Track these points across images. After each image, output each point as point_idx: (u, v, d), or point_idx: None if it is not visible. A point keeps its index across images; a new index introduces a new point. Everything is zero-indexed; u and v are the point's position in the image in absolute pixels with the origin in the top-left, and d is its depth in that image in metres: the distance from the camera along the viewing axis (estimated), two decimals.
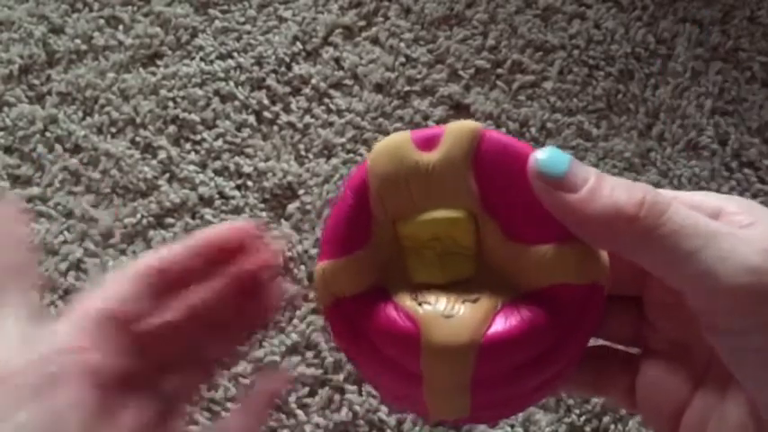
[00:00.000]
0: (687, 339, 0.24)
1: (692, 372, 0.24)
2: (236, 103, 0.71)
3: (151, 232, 0.67)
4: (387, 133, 0.70)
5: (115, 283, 0.27)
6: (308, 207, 0.67)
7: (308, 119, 0.70)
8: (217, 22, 0.74)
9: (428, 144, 0.25)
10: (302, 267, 0.65)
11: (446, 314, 0.24)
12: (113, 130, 0.70)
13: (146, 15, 0.74)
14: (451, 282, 0.25)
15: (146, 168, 0.69)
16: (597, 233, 0.22)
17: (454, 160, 0.24)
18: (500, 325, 0.24)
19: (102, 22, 0.74)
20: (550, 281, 0.24)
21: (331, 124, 0.70)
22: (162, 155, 0.69)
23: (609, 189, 0.22)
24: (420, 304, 0.25)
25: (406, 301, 0.25)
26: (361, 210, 0.25)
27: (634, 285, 0.26)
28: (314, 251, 0.66)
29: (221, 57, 0.73)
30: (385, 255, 0.26)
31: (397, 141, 0.25)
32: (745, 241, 0.21)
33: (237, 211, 0.67)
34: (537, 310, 0.24)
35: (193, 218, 0.67)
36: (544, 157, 0.23)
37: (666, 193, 0.24)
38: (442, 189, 0.25)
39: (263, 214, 0.67)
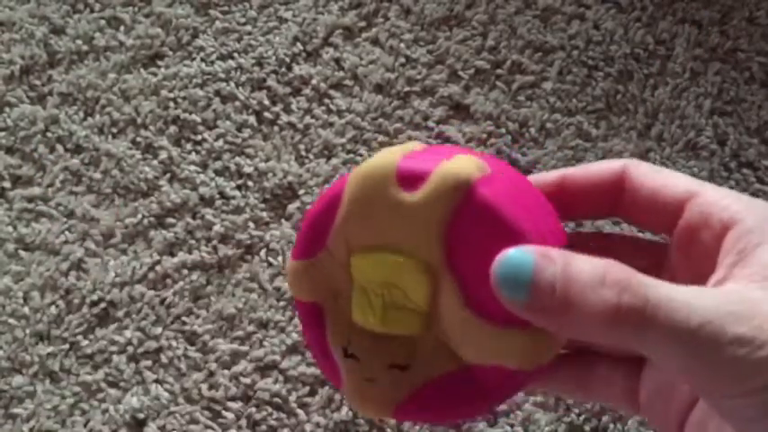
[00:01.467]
0: None
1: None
2: (237, 103, 0.71)
3: (152, 232, 0.67)
4: (387, 134, 0.70)
5: None
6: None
7: (308, 119, 0.71)
8: (217, 23, 0.74)
9: (411, 183, 0.22)
10: None
11: (368, 377, 0.23)
12: (114, 130, 0.71)
13: (147, 16, 0.75)
14: (390, 334, 0.23)
15: (147, 168, 0.69)
16: (576, 336, 0.21)
17: (431, 210, 0.22)
18: (417, 402, 0.23)
19: (103, 22, 0.74)
20: (494, 360, 0.22)
21: (331, 125, 0.70)
22: (163, 155, 0.69)
23: (580, 297, 0.20)
24: (347, 356, 0.24)
25: (337, 342, 0.24)
26: (326, 220, 0.24)
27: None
28: None
29: (222, 57, 0.73)
30: (332, 275, 0.24)
31: (381, 171, 0.23)
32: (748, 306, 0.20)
33: (238, 211, 0.68)
34: (463, 389, 0.23)
35: (194, 218, 0.67)
36: (502, 273, 0.21)
37: (692, 183, 0.24)
38: (410, 235, 0.23)
39: (264, 214, 0.67)
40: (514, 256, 0.20)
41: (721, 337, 0.19)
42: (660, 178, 0.25)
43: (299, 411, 0.62)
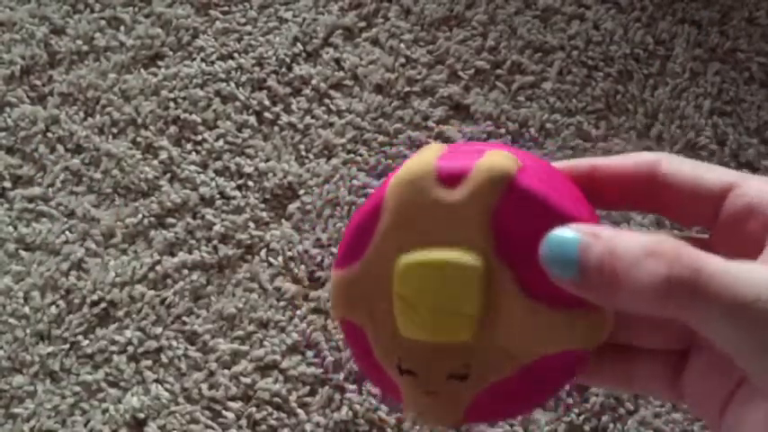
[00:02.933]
0: None
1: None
2: (237, 103, 0.71)
3: (152, 232, 0.67)
4: (387, 134, 0.70)
5: None
6: (309, 207, 0.67)
7: (308, 119, 0.71)
8: (218, 23, 0.74)
9: (452, 181, 0.23)
10: (302, 267, 0.66)
11: (428, 390, 0.23)
12: (115, 130, 0.71)
13: (147, 16, 0.75)
14: (443, 341, 0.23)
15: (147, 168, 0.69)
16: (628, 310, 0.21)
17: (475, 204, 0.22)
18: (481, 408, 0.23)
19: (103, 23, 0.74)
20: (555, 345, 0.23)
21: (331, 125, 0.70)
22: (163, 155, 0.69)
23: (628, 271, 0.20)
24: (402, 373, 0.23)
25: (388, 359, 0.24)
26: (368, 228, 0.24)
27: None
28: (314, 251, 0.66)
29: (222, 57, 0.73)
30: (369, 290, 0.24)
31: (422, 173, 0.23)
32: None
33: (238, 210, 0.68)
34: (523, 386, 0.23)
35: (194, 218, 0.67)
36: (550, 253, 0.21)
37: (729, 174, 0.24)
38: (457, 230, 0.23)
39: (264, 214, 0.68)
40: (560, 234, 0.21)
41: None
42: (696, 170, 0.25)
43: (300, 411, 0.62)
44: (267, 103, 0.71)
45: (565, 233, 0.21)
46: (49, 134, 0.70)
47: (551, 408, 0.61)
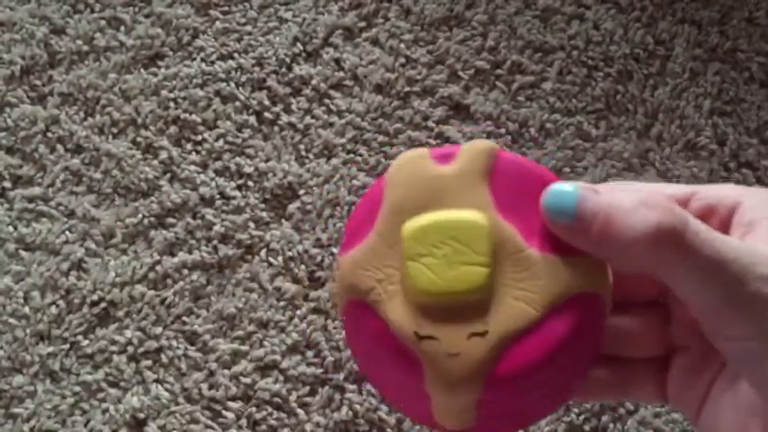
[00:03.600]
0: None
1: (718, 360, 0.25)
2: (237, 103, 0.71)
3: (152, 232, 0.67)
4: (387, 134, 0.70)
5: None
6: (309, 207, 0.67)
7: (308, 119, 0.71)
8: (218, 23, 0.74)
9: (445, 158, 0.25)
10: (302, 267, 0.66)
11: (451, 353, 0.23)
12: (115, 130, 0.71)
13: (147, 16, 0.75)
14: (456, 299, 0.23)
15: (147, 168, 0.69)
16: (619, 259, 0.23)
17: (470, 172, 0.25)
18: (508, 360, 0.23)
19: (103, 23, 0.74)
20: (565, 291, 0.24)
21: (331, 125, 0.70)
22: (163, 155, 0.69)
23: (622, 219, 0.22)
24: (421, 339, 0.23)
25: (406, 329, 0.24)
26: (369, 213, 0.25)
27: (656, 291, 0.27)
28: (314, 251, 0.66)
29: (222, 57, 0.73)
30: (381, 259, 0.24)
31: (416, 154, 0.25)
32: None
33: (238, 210, 0.68)
34: (548, 332, 0.24)
35: (194, 218, 0.67)
36: (550, 201, 0.23)
37: (686, 188, 0.25)
38: (456, 197, 0.24)
39: (264, 214, 0.68)
40: (560, 187, 0.23)
41: (750, 272, 0.21)
42: (656, 186, 0.26)
43: (300, 411, 0.62)
44: (267, 103, 0.71)
45: (564, 186, 0.23)
46: (49, 134, 0.70)
47: None
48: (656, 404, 0.62)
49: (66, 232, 0.67)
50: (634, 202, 0.22)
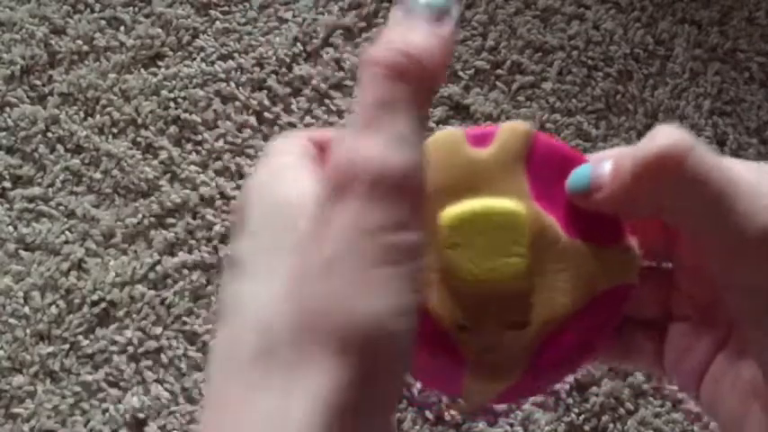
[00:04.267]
0: (713, 303, 0.25)
1: (716, 334, 0.24)
2: (237, 103, 0.71)
3: (152, 232, 0.67)
4: None
5: None
6: None
7: (308, 119, 0.71)
8: (218, 23, 0.74)
9: (481, 141, 0.24)
10: None
11: (489, 347, 0.23)
12: (115, 130, 0.71)
13: (147, 16, 0.75)
14: (494, 288, 0.23)
15: (147, 169, 0.69)
16: (631, 202, 0.23)
17: (507, 157, 0.24)
18: (547, 353, 0.23)
19: (103, 23, 0.74)
20: (600, 280, 0.24)
21: (331, 125, 0.70)
22: (163, 155, 0.69)
23: (629, 156, 0.22)
24: (461, 329, 0.23)
25: (446, 318, 0.23)
26: None
27: (663, 253, 0.26)
28: None
29: (222, 57, 0.73)
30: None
31: (451, 134, 0.24)
32: None
33: None
34: (585, 325, 0.24)
35: (194, 218, 0.67)
36: (572, 181, 0.24)
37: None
38: (494, 184, 0.24)
39: None
40: (581, 168, 0.24)
41: (758, 200, 0.21)
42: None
43: None
44: (267, 103, 0.71)
45: (584, 167, 0.24)
46: (49, 134, 0.70)
47: (551, 408, 0.61)
48: (661, 402, 0.62)
49: (67, 232, 0.67)
50: (642, 141, 0.22)
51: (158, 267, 0.66)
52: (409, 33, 0.21)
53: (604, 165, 0.23)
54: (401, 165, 0.19)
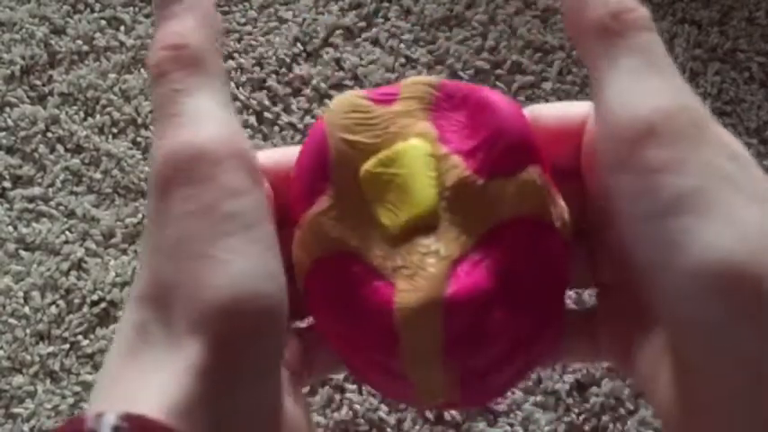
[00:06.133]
0: (627, 263, 0.23)
1: (636, 301, 0.23)
2: (237, 103, 0.71)
3: None
4: None
5: None
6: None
7: (308, 119, 0.71)
8: None
9: (387, 98, 0.25)
10: None
11: (414, 272, 0.24)
12: (115, 130, 0.71)
13: (147, 16, 0.75)
14: (415, 224, 0.24)
15: (147, 169, 0.69)
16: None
17: (412, 108, 0.25)
18: (462, 278, 0.23)
19: (103, 23, 0.74)
20: (507, 215, 0.24)
21: None
22: None
23: None
24: (393, 269, 0.24)
25: (380, 263, 0.24)
26: (320, 163, 0.25)
27: (581, 212, 0.25)
28: None
29: (222, 58, 0.73)
30: (347, 210, 0.25)
31: (355, 99, 0.25)
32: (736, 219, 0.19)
33: None
34: (499, 254, 0.24)
35: None
36: None
37: (578, 103, 0.25)
38: (402, 131, 0.25)
39: None
40: None
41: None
42: (559, 107, 0.26)
43: None
44: (267, 103, 0.71)
45: None
46: (49, 134, 0.70)
47: (551, 408, 0.61)
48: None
49: (66, 232, 0.67)
50: None
51: None
52: (166, 25, 0.22)
53: None
54: (207, 140, 0.20)
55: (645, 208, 0.20)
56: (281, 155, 0.26)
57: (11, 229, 0.67)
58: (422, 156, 0.24)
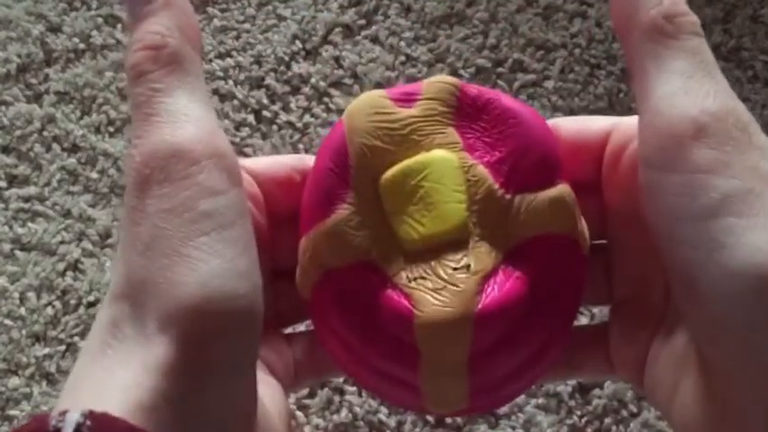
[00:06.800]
0: (647, 279, 0.24)
1: (652, 319, 0.24)
2: (235, 102, 0.71)
3: None
4: None
5: None
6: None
7: (307, 118, 0.70)
8: (215, 21, 0.74)
9: (407, 98, 0.25)
10: None
11: (438, 286, 0.23)
12: (111, 129, 0.70)
13: None
14: (440, 239, 0.23)
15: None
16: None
17: (435, 113, 0.24)
18: (494, 292, 0.23)
19: (100, 20, 0.74)
20: (536, 231, 0.24)
21: (330, 123, 0.70)
22: None
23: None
24: (410, 280, 0.24)
25: (396, 274, 0.24)
26: (340, 168, 0.24)
27: (598, 229, 0.26)
28: None
29: (220, 56, 0.73)
30: (367, 219, 0.24)
31: (374, 98, 0.25)
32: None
33: None
34: (527, 268, 0.23)
35: None
36: None
37: (611, 119, 0.25)
38: (425, 141, 0.24)
39: None
40: None
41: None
42: (579, 122, 0.26)
43: (299, 413, 0.61)
44: (266, 101, 0.71)
45: None
46: (45, 133, 0.70)
47: (554, 410, 0.61)
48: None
49: (63, 232, 0.67)
50: None
51: None
52: (143, 25, 0.22)
53: None
54: (185, 140, 0.20)
55: (690, 207, 0.20)
56: (274, 161, 0.26)
57: (6, 229, 0.67)
58: (450, 169, 0.24)
